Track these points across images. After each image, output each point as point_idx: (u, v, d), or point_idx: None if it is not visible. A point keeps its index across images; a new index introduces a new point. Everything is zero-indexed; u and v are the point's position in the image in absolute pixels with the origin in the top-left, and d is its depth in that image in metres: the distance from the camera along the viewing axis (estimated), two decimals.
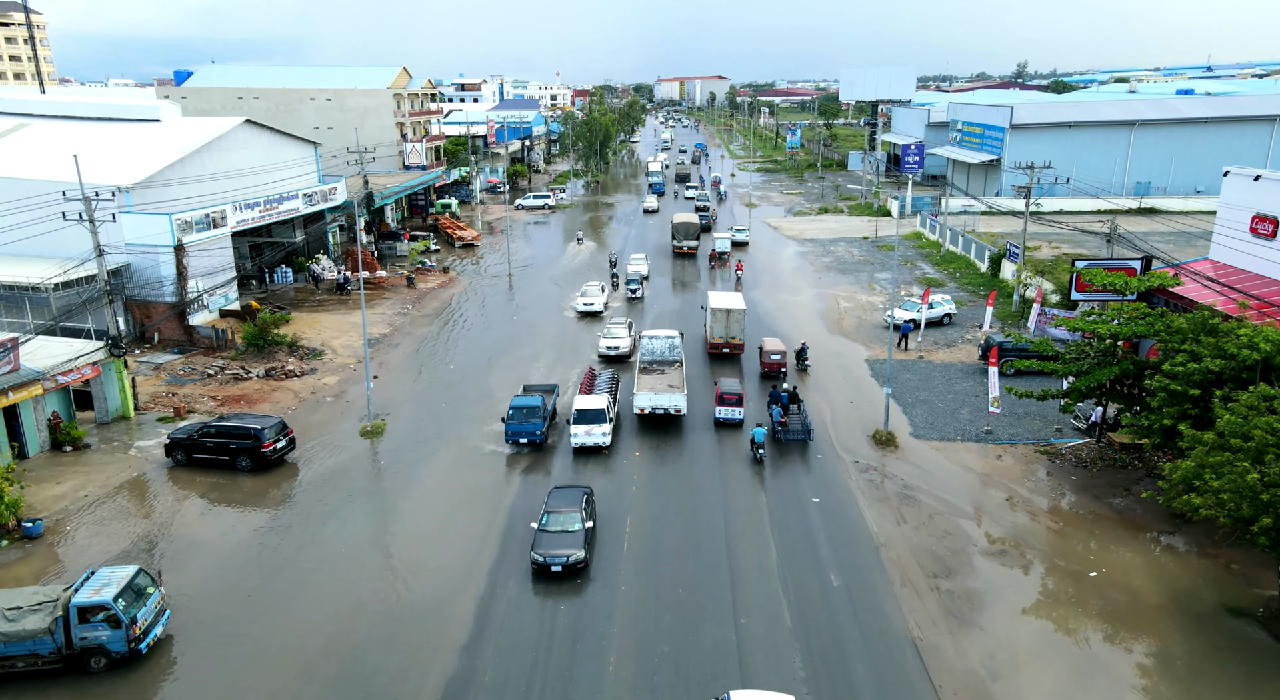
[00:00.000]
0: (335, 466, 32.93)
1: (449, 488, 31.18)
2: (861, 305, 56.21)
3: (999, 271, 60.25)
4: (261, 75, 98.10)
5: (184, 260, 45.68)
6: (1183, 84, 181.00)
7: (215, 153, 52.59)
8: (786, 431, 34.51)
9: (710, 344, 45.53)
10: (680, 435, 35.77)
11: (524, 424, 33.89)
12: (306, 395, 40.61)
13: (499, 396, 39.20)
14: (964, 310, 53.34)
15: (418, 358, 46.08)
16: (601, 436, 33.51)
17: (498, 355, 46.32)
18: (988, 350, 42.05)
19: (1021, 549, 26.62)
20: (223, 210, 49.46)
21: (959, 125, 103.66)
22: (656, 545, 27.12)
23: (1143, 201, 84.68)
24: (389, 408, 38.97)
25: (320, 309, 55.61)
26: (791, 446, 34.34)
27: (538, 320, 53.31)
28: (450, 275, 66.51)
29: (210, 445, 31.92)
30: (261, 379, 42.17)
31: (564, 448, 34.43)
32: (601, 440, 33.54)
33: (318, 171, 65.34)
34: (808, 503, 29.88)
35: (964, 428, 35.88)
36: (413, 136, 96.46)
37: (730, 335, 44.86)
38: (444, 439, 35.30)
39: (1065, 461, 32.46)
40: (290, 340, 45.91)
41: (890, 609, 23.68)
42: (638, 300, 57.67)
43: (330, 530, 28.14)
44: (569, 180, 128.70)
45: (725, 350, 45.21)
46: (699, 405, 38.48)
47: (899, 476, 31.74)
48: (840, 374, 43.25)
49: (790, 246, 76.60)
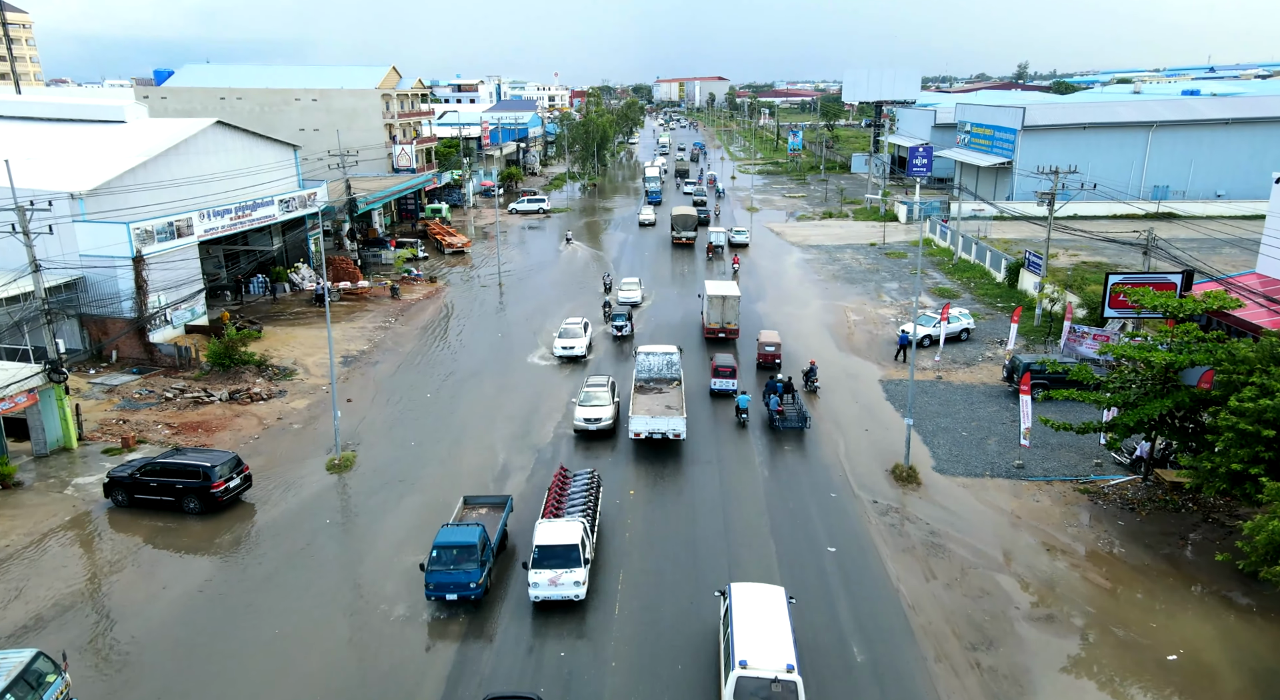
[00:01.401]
0: (294, 508, 29.53)
1: (413, 541, 27.75)
2: (872, 318, 52.86)
3: (1017, 282, 56.92)
4: (245, 75, 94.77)
5: (143, 272, 42.30)
6: (1186, 85, 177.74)
7: (183, 156, 49.22)
8: (784, 419, 35.31)
9: (707, 329, 47.55)
10: (679, 463, 32.39)
11: (452, 573, 23.21)
12: (272, 422, 37.21)
13: (465, 445, 35.35)
14: (982, 324, 50.01)
15: (394, 380, 42.61)
16: (574, 586, 23.16)
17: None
18: (1014, 372, 38.75)
19: (1070, 613, 23.25)
20: (188, 218, 46.09)
21: (967, 126, 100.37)
22: (654, 611, 23.76)
23: (1160, 206, 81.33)
24: (361, 436, 35.59)
25: (297, 322, 52.23)
26: (800, 478, 31.02)
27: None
28: (437, 285, 63.14)
29: (154, 485, 28.54)
30: (225, 403, 38.79)
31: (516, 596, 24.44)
32: (574, 591, 23.18)
33: (298, 175, 62.01)
34: (823, 552, 26.53)
35: (992, 461, 32.52)
36: (402, 138, 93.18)
37: (726, 321, 47.07)
38: (411, 482, 31.72)
39: (1109, 503, 29.09)
40: (259, 359, 42.52)
41: (925, 692, 20.31)
42: (625, 339, 48.22)
43: (277, 595, 24.72)
44: (565, 183, 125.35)
45: (721, 335, 47.26)
46: (700, 425, 35.21)
47: (924, 520, 28.38)
48: (853, 397, 39.89)
49: (794, 253, 73.25)
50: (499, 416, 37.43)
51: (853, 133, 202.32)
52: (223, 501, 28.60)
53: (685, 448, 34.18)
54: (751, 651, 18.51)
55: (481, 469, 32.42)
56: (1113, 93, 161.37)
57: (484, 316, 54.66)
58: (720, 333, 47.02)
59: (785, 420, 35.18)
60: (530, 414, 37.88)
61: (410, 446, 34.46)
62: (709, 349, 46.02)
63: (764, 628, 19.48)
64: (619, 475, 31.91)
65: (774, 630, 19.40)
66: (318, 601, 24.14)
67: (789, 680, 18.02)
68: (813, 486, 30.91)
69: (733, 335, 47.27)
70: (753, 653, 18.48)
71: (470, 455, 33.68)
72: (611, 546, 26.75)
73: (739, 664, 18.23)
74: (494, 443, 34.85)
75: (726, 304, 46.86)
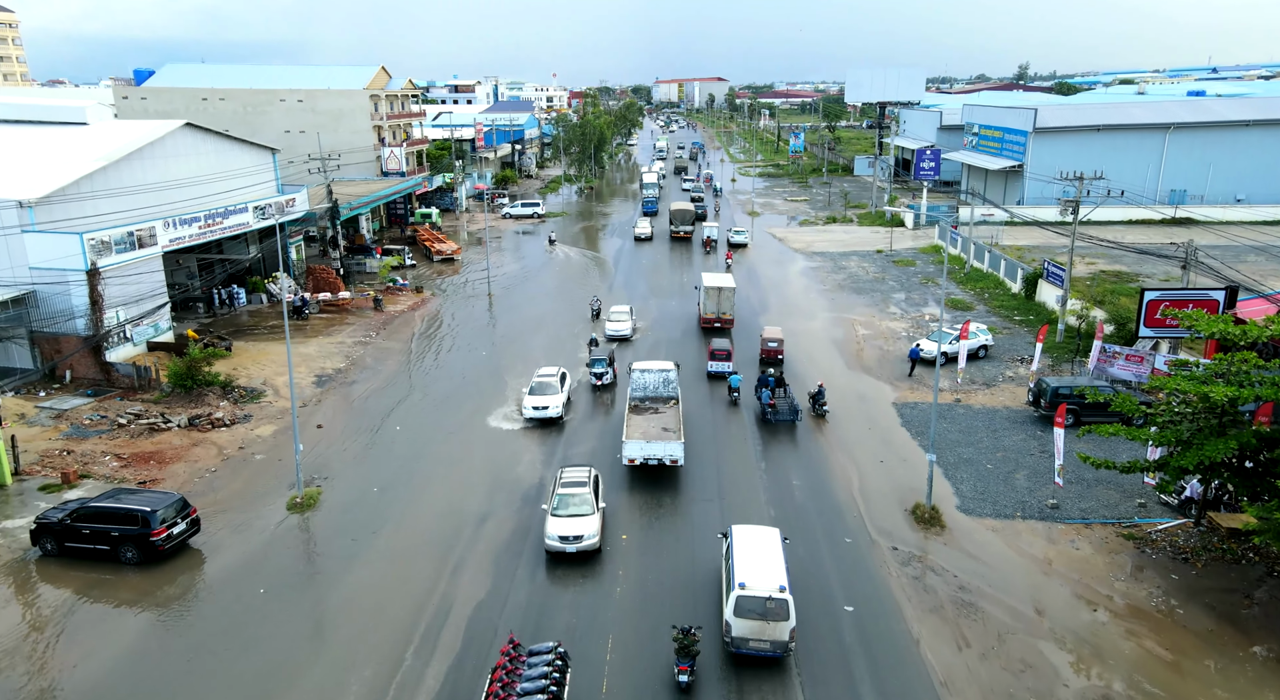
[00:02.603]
0: (248, 556, 26.40)
1: (374, 606, 24.65)
2: (882, 333, 49.76)
3: (1034, 293, 53.83)
4: (229, 75, 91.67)
5: (99, 286, 39.21)
6: (1189, 86, 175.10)
7: (147, 161, 46.13)
8: (775, 413, 36.01)
9: (703, 319, 49.63)
10: (676, 500, 29.28)
11: None
12: (233, 451, 34.09)
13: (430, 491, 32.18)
14: (999, 339, 46.92)
15: (371, 404, 39.42)
16: None
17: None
18: (1040, 396, 35.67)
19: (1131, 694, 20.13)
20: (151, 227, 43.00)
21: (975, 128, 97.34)
22: (647, 684, 20.67)
23: (1178, 211, 78.33)
24: (329, 468, 32.48)
25: (271, 337, 49.09)
26: (810, 518, 27.92)
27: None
28: (423, 295, 60.02)
29: (87, 531, 25.42)
30: (183, 429, 35.66)
31: None
32: None
33: (276, 180, 58.93)
34: (840, 612, 23.43)
35: (1022, 500, 29.42)
36: (391, 141, 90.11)
37: (721, 311, 49.00)
38: (376, 530, 28.64)
39: (1158, 551, 26.00)
40: (223, 380, 39.41)
41: None
42: (606, 388, 40.82)
43: (224, 659, 21.63)
44: (561, 186, 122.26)
45: (716, 325, 49.34)
46: (700, 425, 32.28)
47: (951, 572, 25.29)
48: (864, 422, 36.80)
49: (798, 261, 70.17)
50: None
51: (854, 134, 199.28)
52: (164, 550, 25.46)
53: (684, 478, 31.12)
54: (750, 576, 21.32)
55: (449, 534, 29.31)
56: (1117, 93, 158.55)
57: (471, 331, 51.51)
58: (716, 322, 49.28)
59: (777, 413, 36.01)
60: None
61: (374, 492, 30.40)
62: (705, 338, 47.88)
63: (760, 559, 22.14)
64: (608, 514, 28.79)
65: (769, 561, 22.09)
66: (268, 671, 21.05)
67: (781, 598, 20.79)
68: (825, 530, 27.80)
69: (728, 325, 49.44)
70: (751, 577, 21.27)
71: (439, 509, 30.58)
72: (597, 602, 23.64)
73: (739, 585, 21.07)
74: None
75: (722, 295, 48.99)
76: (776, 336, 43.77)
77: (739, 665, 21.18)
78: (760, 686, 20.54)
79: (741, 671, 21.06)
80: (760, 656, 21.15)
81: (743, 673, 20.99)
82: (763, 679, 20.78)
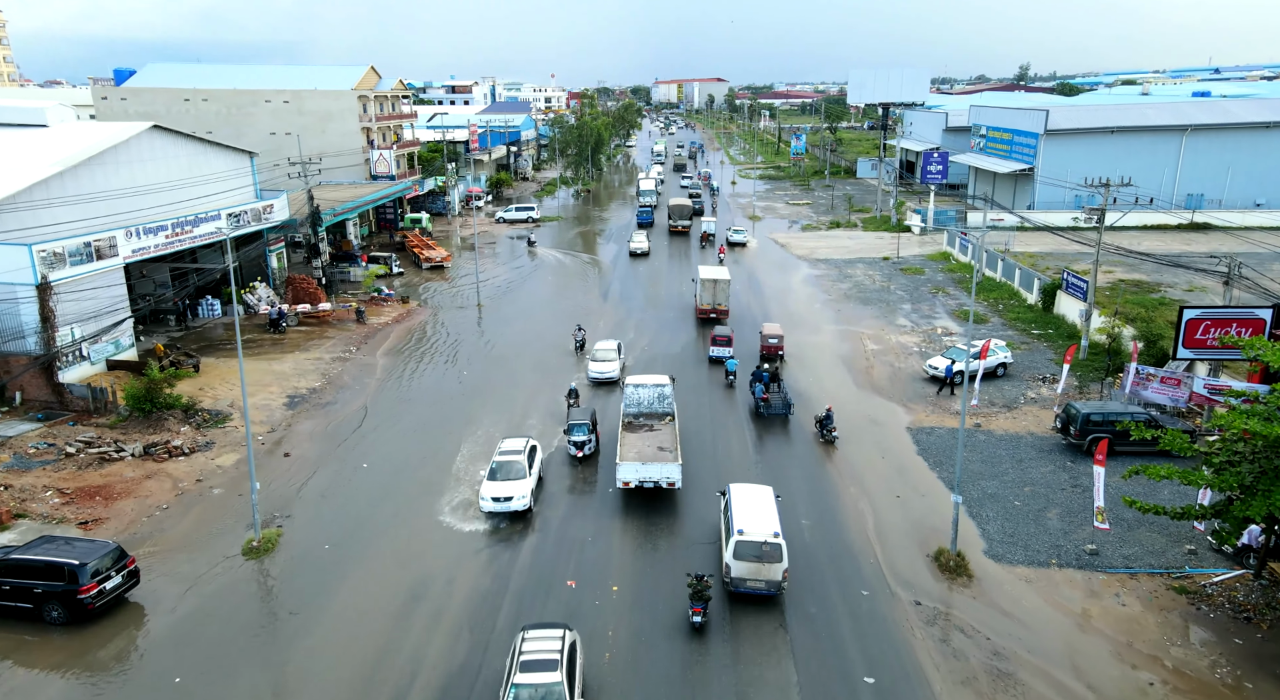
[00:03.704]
0: (193, 612, 23.53)
1: (342, 663, 21.79)
2: (892, 348, 46.91)
3: (1052, 305, 50.96)
4: (213, 75, 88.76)
5: (51, 302, 36.35)
6: (1193, 86, 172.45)
7: (110, 166, 43.26)
8: (769, 407, 36.52)
9: (699, 310, 51.85)
10: (672, 544, 26.42)
11: None
12: (190, 485, 31.22)
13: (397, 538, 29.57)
14: (1018, 355, 44.05)
15: (341, 431, 36.45)
16: None
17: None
18: (1069, 423, 32.80)
19: None
20: (111, 237, 40.13)
21: (983, 130, 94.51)
22: None
23: (1195, 215, 75.52)
24: (293, 505, 29.63)
25: (246, 352, 46.13)
26: (822, 566, 25.07)
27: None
28: (409, 306, 57.12)
29: (7, 587, 22.54)
30: (138, 459, 32.79)
31: None
32: None
33: (254, 185, 56.05)
34: (858, 684, 20.58)
35: (1057, 543, 26.56)
36: (381, 143, 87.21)
37: (717, 302, 51.15)
38: (337, 579, 25.84)
39: (1215, 608, 23.15)
40: (186, 403, 36.52)
41: None
42: (588, 460, 32.74)
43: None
44: (557, 189, 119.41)
45: (712, 315, 51.31)
46: (701, 473, 29.26)
47: (982, 632, 22.42)
48: (877, 450, 33.94)
49: (801, 269, 67.31)
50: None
51: (856, 135, 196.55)
52: (95, 609, 22.57)
53: (682, 510, 28.29)
54: (747, 523, 23.76)
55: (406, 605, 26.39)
56: (1121, 94, 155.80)
57: (458, 346, 48.63)
58: (711, 313, 51.33)
59: (770, 407, 36.58)
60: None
61: (328, 546, 27.00)
62: (701, 328, 50.30)
63: (756, 510, 24.57)
64: (596, 563, 25.92)
65: (764, 512, 24.50)
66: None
67: (775, 542, 23.20)
68: (839, 580, 24.94)
69: (723, 315, 51.35)
70: (748, 524, 23.73)
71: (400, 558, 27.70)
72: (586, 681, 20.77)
73: (738, 532, 23.43)
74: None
75: (718, 287, 51.15)
76: (776, 333, 44.41)
77: (735, 602, 23.52)
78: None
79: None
80: (756, 594, 23.53)
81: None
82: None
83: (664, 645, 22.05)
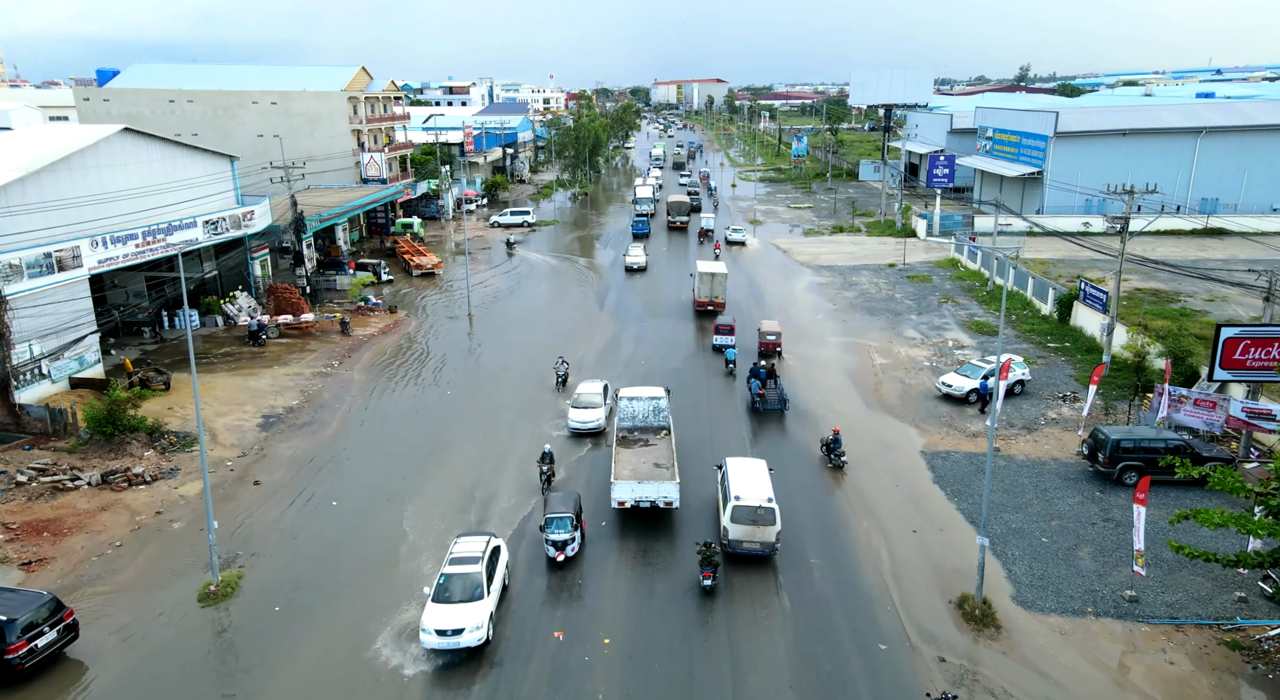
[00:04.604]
0: (135, 671, 21.20)
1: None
2: (901, 362, 44.64)
3: (1069, 316, 48.65)
4: (199, 75, 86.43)
5: (5, 317, 34.04)
6: (1195, 87, 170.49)
7: (78, 171, 40.92)
8: (764, 402, 37.38)
9: (697, 302, 53.97)
10: (670, 592, 24.12)
11: None
12: (149, 517, 28.89)
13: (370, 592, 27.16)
14: (1035, 371, 41.78)
15: (317, 455, 34.11)
16: None
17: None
18: (1098, 449, 30.49)
19: None
20: (74, 247, 37.82)
21: (989, 132, 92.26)
22: None
23: (1209, 221, 73.33)
24: (258, 541, 27.30)
25: (220, 367, 43.97)
26: (834, 614, 22.75)
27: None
28: (397, 316, 54.80)
29: None
30: (95, 488, 30.48)
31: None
32: None
33: (235, 190, 53.73)
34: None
35: (1091, 588, 24.25)
36: (372, 146, 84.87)
37: (714, 295, 53.25)
38: (296, 636, 23.51)
39: (1273, 666, 20.84)
40: (151, 425, 34.18)
41: None
42: (571, 564, 25.62)
43: None
44: (554, 192, 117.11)
45: (709, 307, 53.43)
46: (701, 487, 26.91)
47: (1015, 696, 20.09)
48: (890, 478, 31.63)
49: (804, 276, 65.02)
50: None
51: (857, 137, 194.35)
52: (25, 670, 20.25)
53: (679, 542, 25.96)
54: (742, 490, 25.71)
55: None
56: (1125, 95, 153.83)
57: (444, 361, 46.32)
58: (709, 305, 53.43)
59: (766, 403, 37.38)
60: None
61: (288, 599, 24.42)
62: (699, 320, 52.85)
63: (751, 480, 26.53)
64: (584, 621, 23.60)
65: (758, 481, 26.44)
66: None
67: (769, 507, 25.08)
68: (852, 631, 22.62)
69: (719, 307, 53.27)
70: (743, 491, 25.64)
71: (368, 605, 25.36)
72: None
73: (734, 498, 25.31)
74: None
75: (715, 280, 53.15)
76: (774, 330, 45.13)
77: (733, 562, 25.43)
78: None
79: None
80: (751, 555, 25.58)
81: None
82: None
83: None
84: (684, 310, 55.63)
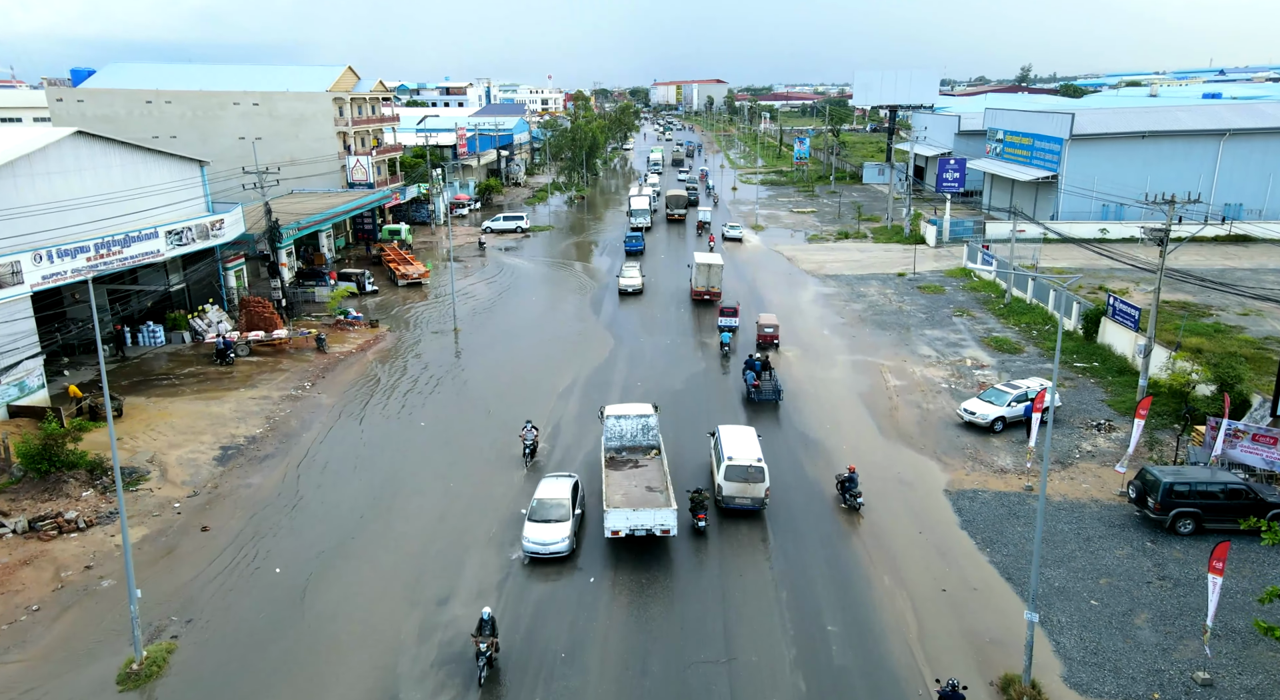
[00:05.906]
0: None
1: None
2: (917, 383, 41.33)
3: (1095, 333, 45.32)
4: (179, 75, 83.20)
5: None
6: (1199, 88, 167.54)
7: (24, 177, 37.66)
8: (760, 393, 38.19)
9: (694, 292, 56.24)
10: (671, 656, 20.79)
11: None
12: (77, 572, 25.54)
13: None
14: (1063, 394, 38.54)
15: (272, 501, 30.62)
16: None
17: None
18: (1146, 493, 27.16)
19: None
20: (14, 262, 34.52)
21: (999, 135, 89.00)
22: None
23: (1232, 227, 70.03)
24: (196, 605, 23.93)
25: (183, 389, 40.67)
26: (857, 691, 19.49)
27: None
28: (378, 331, 51.48)
29: None
30: (20, 536, 27.16)
31: None
32: None
33: (205, 197, 50.43)
34: None
35: (1155, 665, 20.93)
36: (359, 148, 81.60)
37: (710, 285, 55.47)
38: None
39: None
40: (93, 461, 30.87)
41: None
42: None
43: None
44: (549, 195, 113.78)
45: (706, 297, 55.67)
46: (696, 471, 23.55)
47: None
48: (911, 521, 28.34)
49: (809, 286, 61.70)
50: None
51: (859, 137, 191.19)
52: None
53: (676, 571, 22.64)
54: (734, 451, 28.40)
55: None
56: (1129, 96, 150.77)
57: (428, 383, 42.98)
58: (705, 295, 55.54)
59: (760, 393, 38.17)
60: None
61: (231, 677, 21.32)
62: (696, 308, 55.12)
63: (742, 443, 29.24)
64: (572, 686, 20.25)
65: (749, 444, 29.18)
66: None
67: (759, 466, 27.84)
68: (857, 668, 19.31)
69: (715, 297, 55.39)
70: (735, 452, 28.37)
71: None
72: None
73: (728, 458, 28.02)
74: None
75: (711, 271, 55.36)
76: (772, 323, 46.26)
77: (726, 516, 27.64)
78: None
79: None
80: (743, 510, 27.97)
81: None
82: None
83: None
84: (680, 326, 52.32)
